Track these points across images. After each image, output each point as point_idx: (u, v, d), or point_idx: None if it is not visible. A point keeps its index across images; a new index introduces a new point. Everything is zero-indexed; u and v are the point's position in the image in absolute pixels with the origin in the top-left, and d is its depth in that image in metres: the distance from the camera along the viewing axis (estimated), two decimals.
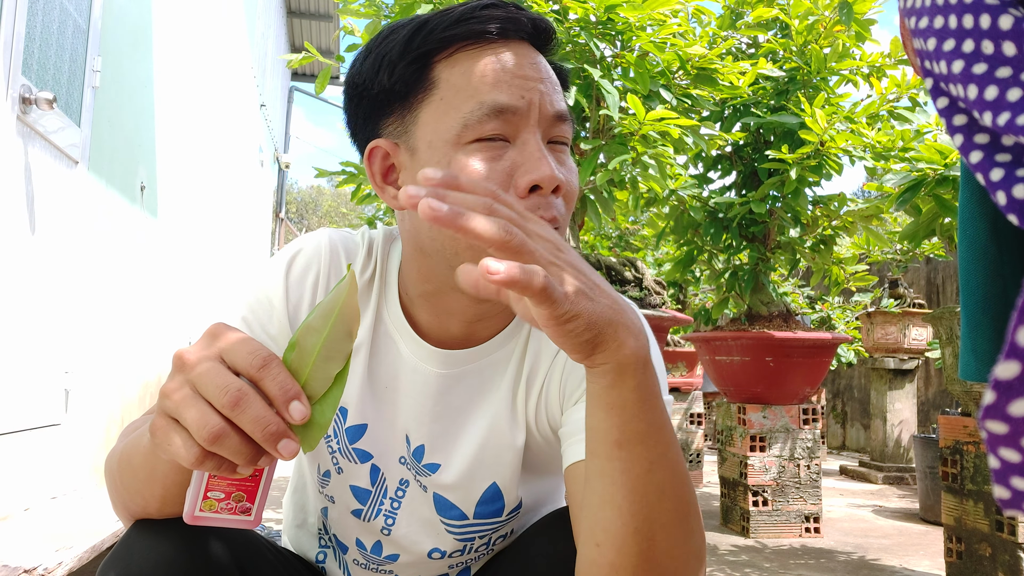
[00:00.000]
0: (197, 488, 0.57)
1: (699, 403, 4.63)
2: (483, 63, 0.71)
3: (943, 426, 2.40)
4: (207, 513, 0.58)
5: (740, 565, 2.63)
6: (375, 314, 0.83)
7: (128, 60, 3.02)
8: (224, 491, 0.58)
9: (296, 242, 0.85)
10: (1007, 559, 2.10)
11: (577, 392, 0.79)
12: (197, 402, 0.51)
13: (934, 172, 2.25)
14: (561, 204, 0.71)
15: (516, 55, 0.72)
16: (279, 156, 9.22)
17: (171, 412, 0.52)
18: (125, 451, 0.70)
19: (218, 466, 0.52)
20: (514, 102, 0.69)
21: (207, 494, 0.57)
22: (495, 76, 0.70)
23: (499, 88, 0.70)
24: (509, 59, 0.71)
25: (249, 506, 0.59)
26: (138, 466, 0.68)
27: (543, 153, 0.69)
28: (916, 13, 0.49)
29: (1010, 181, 0.43)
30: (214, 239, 4.94)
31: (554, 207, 0.70)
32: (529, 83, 0.70)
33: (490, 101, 0.69)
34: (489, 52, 0.71)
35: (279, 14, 8.33)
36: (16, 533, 1.87)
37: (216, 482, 0.57)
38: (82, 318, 2.62)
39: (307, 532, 0.96)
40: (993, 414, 0.38)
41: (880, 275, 6.26)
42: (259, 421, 0.50)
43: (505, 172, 0.69)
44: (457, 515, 0.85)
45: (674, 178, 3.02)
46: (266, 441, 0.50)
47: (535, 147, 0.69)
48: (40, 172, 2.24)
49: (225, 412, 0.50)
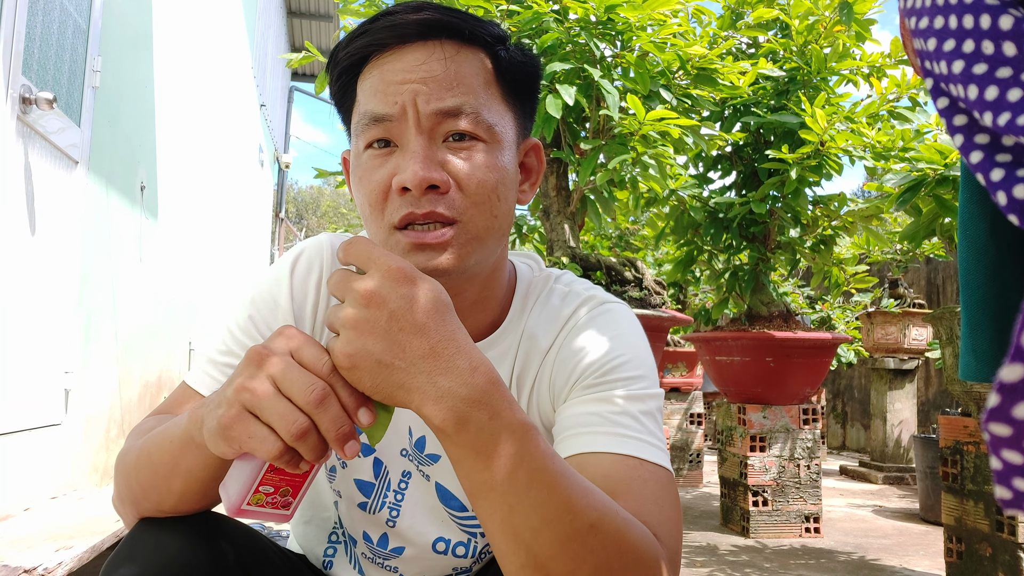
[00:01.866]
0: (249, 481, 0.58)
1: (699, 403, 4.63)
2: (373, 74, 0.73)
3: (943, 426, 2.40)
4: (253, 507, 0.59)
5: (740, 565, 2.63)
6: None
7: (128, 60, 3.02)
8: (275, 485, 0.59)
9: (299, 245, 0.87)
10: (1007, 559, 2.10)
11: (566, 390, 0.80)
12: (281, 399, 0.53)
13: (934, 172, 2.25)
14: (452, 198, 0.71)
15: (402, 60, 0.72)
16: (279, 156, 9.22)
17: (251, 406, 0.54)
18: (145, 447, 0.71)
19: (291, 461, 0.54)
20: (386, 109, 0.71)
21: (259, 488, 0.58)
22: (372, 86, 0.73)
23: (375, 97, 0.72)
24: (392, 66, 0.72)
25: (291, 501, 0.61)
26: (159, 462, 0.68)
27: (414, 155, 0.70)
28: (916, 13, 0.49)
29: (1010, 181, 0.43)
30: (214, 239, 4.94)
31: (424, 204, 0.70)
32: (404, 87, 0.71)
33: (368, 111, 0.72)
34: (385, 60, 0.73)
35: (279, 14, 8.33)
36: (16, 533, 1.87)
37: (270, 476, 0.58)
38: (82, 318, 2.62)
39: (315, 528, 0.96)
40: (997, 417, 0.38)
41: (880, 275, 6.26)
42: (336, 421, 0.53)
43: (388, 174, 0.72)
44: (458, 506, 0.86)
45: (674, 178, 3.03)
46: (337, 441, 0.54)
47: (409, 150, 0.71)
48: (40, 172, 2.24)
49: (308, 410, 0.53)
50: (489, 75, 0.75)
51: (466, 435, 0.55)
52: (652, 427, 0.75)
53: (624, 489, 0.69)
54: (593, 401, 0.76)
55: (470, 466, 0.57)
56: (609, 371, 0.77)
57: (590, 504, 0.59)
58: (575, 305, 0.84)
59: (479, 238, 0.73)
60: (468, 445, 0.56)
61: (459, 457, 0.57)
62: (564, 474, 0.59)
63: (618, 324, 0.82)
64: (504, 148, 0.75)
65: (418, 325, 0.55)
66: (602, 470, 0.70)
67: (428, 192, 0.70)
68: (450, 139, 0.72)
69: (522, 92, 0.79)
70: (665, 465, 0.73)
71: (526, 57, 0.79)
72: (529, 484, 0.57)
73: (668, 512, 0.70)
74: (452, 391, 0.55)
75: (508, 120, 0.77)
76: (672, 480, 0.73)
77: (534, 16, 2.23)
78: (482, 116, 0.72)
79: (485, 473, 0.56)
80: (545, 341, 0.83)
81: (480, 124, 0.72)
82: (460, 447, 0.56)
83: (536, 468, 0.57)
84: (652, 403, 0.77)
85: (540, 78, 0.83)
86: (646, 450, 0.72)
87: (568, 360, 0.80)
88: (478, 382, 0.56)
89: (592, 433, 0.73)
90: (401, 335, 0.55)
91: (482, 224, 0.73)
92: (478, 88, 0.73)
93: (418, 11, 0.72)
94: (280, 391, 0.54)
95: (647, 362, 0.80)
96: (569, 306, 0.84)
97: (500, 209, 0.74)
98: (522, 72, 0.78)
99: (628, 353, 0.79)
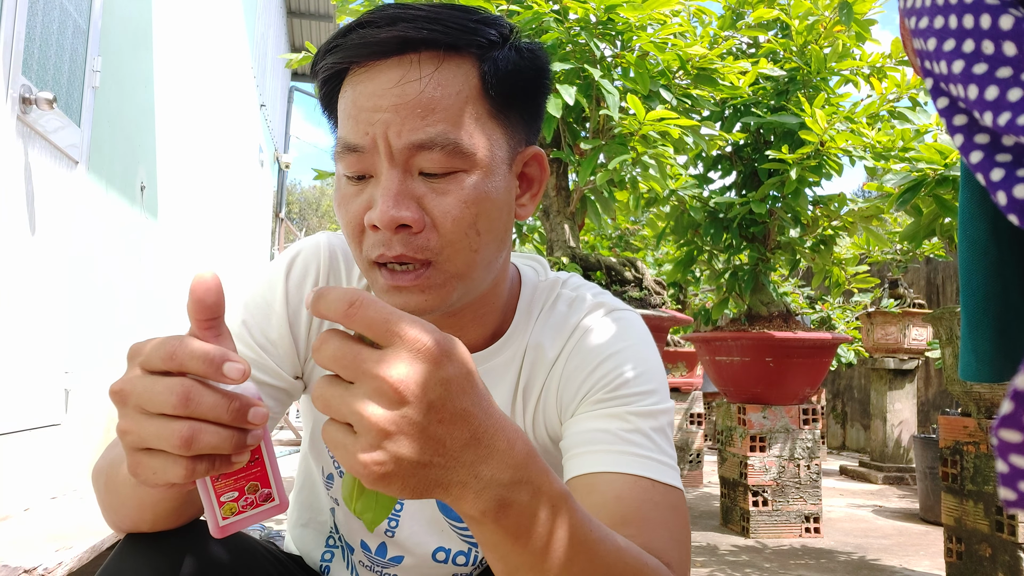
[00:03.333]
0: (208, 500, 0.53)
1: (699, 403, 4.63)
2: (347, 93, 0.68)
3: (943, 426, 2.40)
4: (231, 519, 0.54)
5: (740, 565, 2.63)
6: None
7: (128, 60, 3.02)
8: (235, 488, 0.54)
9: (294, 246, 0.85)
10: (1007, 559, 2.09)
11: (574, 403, 0.78)
12: (151, 420, 0.47)
13: (934, 172, 2.24)
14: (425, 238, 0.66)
15: (374, 80, 0.65)
16: (279, 156, 9.22)
17: (137, 444, 0.48)
18: (110, 479, 0.68)
19: (212, 465, 0.49)
20: (357, 140, 0.65)
21: (220, 500, 0.54)
22: (344, 108, 0.67)
23: (348, 123, 0.67)
24: (364, 87, 0.66)
25: (268, 491, 0.56)
26: (124, 495, 0.66)
27: (385, 192, 0.64)
28: (916, 13, 0.49)
29: (1010, 181, 0.43)
30: (214, 239, 4.94)
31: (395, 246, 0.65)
32: (375, 116, 0.64)
33: (341, 137, 0.67)
34: (359, 78, 0.67)
35: (279, 14, 8.33)
36: (16, 533, 1.87)
37: (222, 484, 0.54)
38: (82, 318, 2.62)
39: (312, 531, 0.95)
40: (1009, 423, 0.38)
41: (880, 275, 6.26)
42: (218, 404, 0.47)
43: (363, 207, 0.67)
44: (458, 516, 0.84)
45: (674, 178, 3.02)
46: (236, 419, 0.48)
47: (381, 184, 0.65)
48: (40, 172, 2.24)
49: (180, 413, 0.47)
50: (474, 90, 0.67)
51: (506, 520, 0.49)
52: (664, 444, 0.74)
53: (635, 513, 0.67)
54: (604, 417, 0.74)
55: (507, 549, 0.51)
56: (620, 385, 0.75)
57: (627, 564, 0.57)
58: (583, 313, 0.81)
59: (459, 275, 0.68)
60: (508, 530, 0.50)
61: (495, 542, 0.51)
62: (601, 539, 0.55)
63: (628, 334, 0.79)
64: (491, 170, 0.68)
65: (459, 412, 0.46)
66: (613, 491, 0.69)
67: (400, 231, 0.65)
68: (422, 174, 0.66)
69: (519, 98, 0.71)
70: (676, 485, 0.72)
71: (525, 58, 0.71)
72: (571, 558, 0.53)
73: (678, 536, 0.68)
74: (495, 479, 0.48)
75: (497, 137, 0.69)
76: (682, 500, 0.72)
77: (534, 16, 2.23)
78: (461, 145, 0.65)
79: (525, 556, 0.51)
80: (552, 351, 0.80)
81: (458, 154, 0.65)
82: (498, 533, 0.50)
83: (577, 540, 0.53)
84: (663, 418, 0.75)
85: (547, 74, 0.75)
86: (657, 470, 0.71)
87: (577, 372, 0.78)
88: (519, 460, 0.49)
89: (603, 452, 0.71)
90: (441, 427, 0.45)
91: (460, 261, 0.67)
92: (458, 110, 0.66)
93: (393, 23, 0.65)
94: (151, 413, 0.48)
95: (658, 375, 0.78)
96: (577, 314, 0.81)
97: (482, 242, 0.68)
98: (520, 78, 0.70)
99: (640, 366, 0.76)
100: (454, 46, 0.66)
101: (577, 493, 0.71)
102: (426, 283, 0.67)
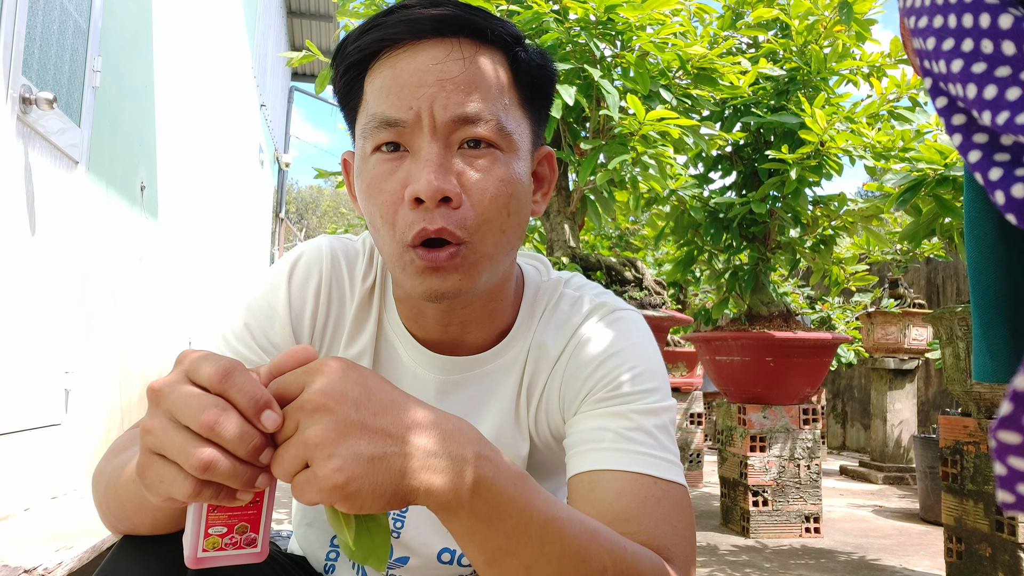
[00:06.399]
0: (196, 527, 0.52)
1: (699, 403, 4.63)
2: (384, 72, 0.68)
3: (943, 426, 2.40)
4: (211, 552, 0.53)
5: (740, 565, 2.63)
6: (377, 321, 0.83)
7: (128, 60, 3.02)
8: (226, 524, 0.53)
9: (296, 249, 0.85)
10: (1007, 559, 2.09)
11: (576, 402, 0.78)
12: (178, 431, 0.47)
13: (934, 172, 2.24)
14: (463, 214, 0.67)
15: (416, 58, 0.67)
16: (279, 156, 9.22)
17: (155, 448, 0.48)
18: (111, 480, 0.68)
19: (216, 494, 0.48)
20: (399, 114, 0.67)
21: (208, 531, 0.52)
22: (384, 87, 0.68)
23: (388, 99, 0.67)
24: (407, 65, 0.67)
25: (254, 536, 0.54)
26: (125, 498, 0.66)
27: (428, 163, 0.66)
28: (916, 13, 0.49)
29: (1008, 180, 0.43)
30: (214, 239, 4.94)
31: (436, 219, 0.66)
32: (420, 90, 0.66)
33: (379, 114, 0.68)
34: (398, 58, 0.68)
35: (279, 14, 8.33)
36: (16, 533, 1.87)
37: (216, 516, 0.52)
38: (82, 318, 2.62)
39: (317, 531, 0.94)
40: (1008, 425, 0.38)
41: (880, 275, 6.26)
42: (242, 438, 0.47)
43: (400, 183, 0.67)
44: None
45: (674, 178, 3.02)
46: (252, 457, 0.48)
47: (422, 157, 0.66)
48: (40, 172, 2.24)
49: (205, 435, 0.47)
50: (507, 79, 0.71)
51: (477, 501, 0.51)
52: (666, 442, 0.74)
53: (637, 509, 0.67)
54: (606, 416, 0.74)
55: (483, 535, 0.52)
56: (622, 384, 0.75)
57: (602, 547, 0.57)
58: (585, 312, 0.81)
59: (489, 256, 0.69)
60: (481, 514, 0.51)
61: (471, 530, 0.52)
62: (570, 519, 0.56)
63: (630, 333, 0.80)
64: (520, 157, 0.71)
65: (388, 403, 0.50)
66: (615, 488, 0.69)
67: (441, 205, 0.66)
68: (466, 146, 0.68)
69: (538, 97, 0.75)
70: (679, 481, 0.72)
71: (544, 60, 0.75)
72: (543, 539, 0.54)
73: (681, 531, 0.68)
74: (456, 454, 0.51)
75: (524, 127, 0.72)
76: (686, 496, 0.72)
77: (534, 16, 2.23)
78: (501, 122, 0.68)
79: (500, 538, 0.52)
80: (555, 349, 0.81)
81: (499, 131, 0.68)
82: (472, 520, 0.51)
83: (547, 518, 0.54)
84: (666, 416, 0.75)
85: (555, 83, 0.78)
86: (660, 467, 0.71)
87: (579, 371, 0.78)
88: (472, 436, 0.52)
89: (606, 450, 0.72)
90: (378, 419, 0.49)
91: (492, 242, 0.69)
92: (497, 93, 0.69)
93: (436, 5, 0.68)
94: (179, 423, 0.48)
95: (660, 373, 0.78)
96: (579, 313, 0.82)
97: (510, 224, 0.70)
98: (540, 76, 0.74)
99: (641, 365, 0.77)
100: (491, 35, 0.69)
101: (579, 490, 0.72)
102: (462, 262, 0.68)
